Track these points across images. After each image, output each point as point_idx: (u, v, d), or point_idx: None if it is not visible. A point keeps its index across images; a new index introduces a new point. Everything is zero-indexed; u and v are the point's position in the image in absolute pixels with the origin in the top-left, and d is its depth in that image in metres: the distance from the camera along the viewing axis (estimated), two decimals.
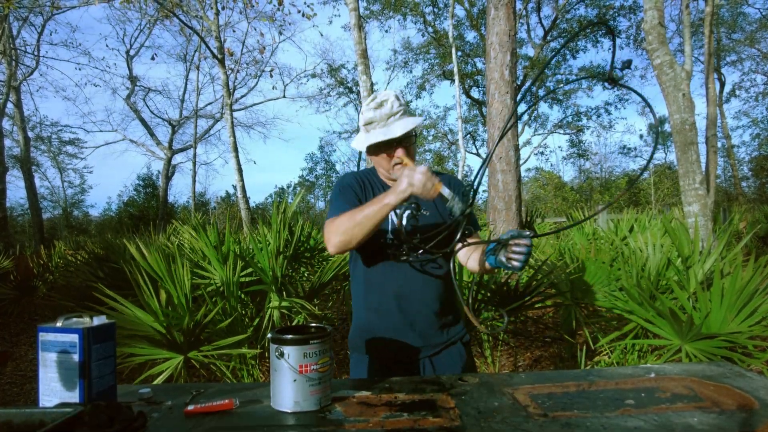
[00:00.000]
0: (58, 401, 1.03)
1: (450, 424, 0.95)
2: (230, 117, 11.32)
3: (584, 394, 1.11)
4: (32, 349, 5.16)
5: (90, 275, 4.54)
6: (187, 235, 4.35)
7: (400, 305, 1.49)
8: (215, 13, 11.41)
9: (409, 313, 1.49)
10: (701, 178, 4.25)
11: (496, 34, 6.19)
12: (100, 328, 1.08)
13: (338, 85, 22.40)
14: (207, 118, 22.12)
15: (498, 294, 3.06)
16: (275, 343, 1.07)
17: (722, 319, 2.33)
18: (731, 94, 23.40)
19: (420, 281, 1.51)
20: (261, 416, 1.03)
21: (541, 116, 24.33)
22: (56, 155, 24.27)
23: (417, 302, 1.50)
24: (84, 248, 6.67)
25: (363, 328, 1.55)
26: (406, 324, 1.50)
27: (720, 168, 23.86)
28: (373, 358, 1.53)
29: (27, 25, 16.05)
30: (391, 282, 1.50)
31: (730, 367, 1.27)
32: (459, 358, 1.55)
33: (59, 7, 14.01)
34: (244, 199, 11.07)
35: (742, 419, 0.93)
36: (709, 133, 9.95)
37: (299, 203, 4.30)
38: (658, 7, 4.30)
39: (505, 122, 1.03)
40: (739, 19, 20.10)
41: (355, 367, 1.56)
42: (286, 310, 3.30)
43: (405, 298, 1.49)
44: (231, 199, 27.26)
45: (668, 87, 4.31)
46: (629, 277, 2.89)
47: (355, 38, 6.57)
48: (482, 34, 18.20)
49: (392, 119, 1.46)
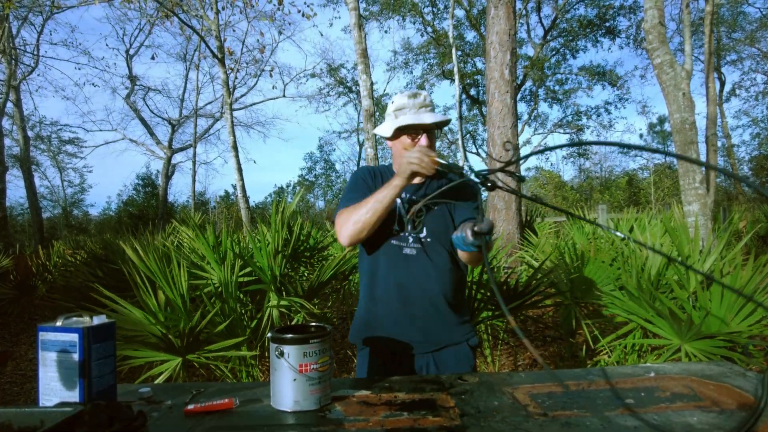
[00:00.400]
0: (58, 401, 1.03)
1: (450, 424, 0.95)
2: (230, 116, 11.31)
3: (584, 394, 1.11)
4: (32, 348, 5.16)
5: (89, 275, 4.54)
6: (185, 235, 4.34)
7: (400, 294, 1.50)
8: (215, 13, 11.40)
9: (409, 304, 1.49)
10: (701, 178, 4.25)
11: (496, 33, 6.18)
12: (99, 327, 1.08)
13: (338, 85, 22.40)
14: (207, 117, 22.12)
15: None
16: (275, 343, 1.07)
17: (722, 319, 2.33)
18: (731, 93, 23.41)
19: (423, 274, 1.51)
20: (261, 415, 1.03)
21: (541, 116, 24.33)
22: (56, 154, 24.27)
23: (419, 294, 1.50)
24: (83, 248, 6.66)
25: (366, 321, 1.56)
26: (407, 316, 1.50)
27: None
28: (372, 349, 1.53)
29: (27, 25, 16.04)
30: (394, 272, 1.51)
31: (729, 366, 1.28)
32: (466, 361, 1.53)
33: (59, 6, 13.99)
34: (244, 198, 11.06)
35: (741, 419, 0.93)
36: (709, 133, 9.95)
37: (298, 203, 4.30)
38: (658, 6, 4.30)
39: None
40: (739, 18, 20.10)
41: (360, 363, 1.56)
42: (285, 310, 3.30)
43: (406, 287, 1.50)
44: (231, 198, 27.27)
45: (668, 86, 4.31)
46: (629, 277, 2.89)
47: (355, 38, 6.57)
48: (482, 34, 18.18)
49: (423, 109, 1.54)
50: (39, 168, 24.06)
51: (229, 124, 11.22)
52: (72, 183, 27.15)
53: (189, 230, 4.11)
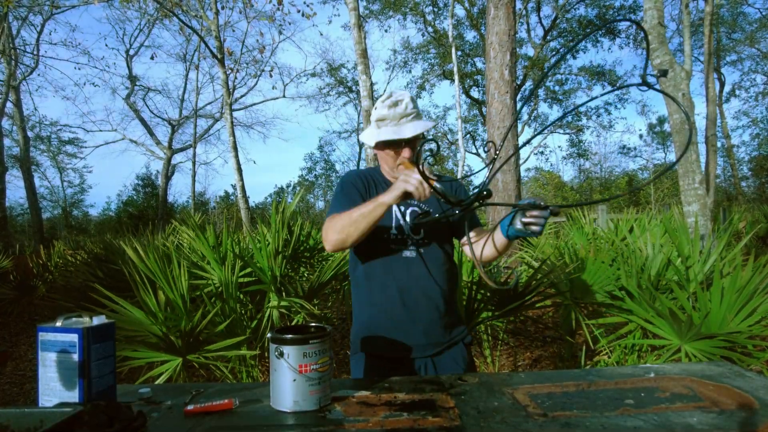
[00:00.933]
0: (57, 401, 1.03)
1: (450, 424, 0.95)
2: (230, 116, 11.32)
3: (584, 394, 1.11)
4: (32, 348, 5.16)
5: (89, 275, 4.53)
6: (185, 235, 4.34)
7: (403, 299, 1.49)
8: (215, 13, 11.41)
9: (412, 308, 1.49)
10: (701, 178, 4.25)
11: (496, 33, 6.18)
12: (99, 327, 1.08)
13: (338, 85, 22.42)
14: (207, 117, 22.14)
15: (497, 294, 3.06)
16: (275, 343, 1.07)
17: (722, 319, 2.33)
18: (731, 93, 23.43)
19: (423, 275, 1.51)
20: (261, 416, 1.03)
21: (541, 116, 24.34)
22: (56, 155, 24.29)
23: (420, 296, 1.50)
24: (83, 248, 6.66)
25: (366, 327, 1.55)
26: (409, 319, 1.49)
27: (720, 168, 23.88)
28: (377, 356, 1.52)
29: (26, 25, 16.06)
30: (394, 277, 1.50)
31: (729, 366, 1.28)
32: (461, 360, 1.54)
33: (59, 6, 14.00)
34: (244, 198, 11.07)
35: (741, 419, 0.93)
36: (709, 133, 9.96)
37: (298, 203, 4.30)
38: (657, 6, 4.30)
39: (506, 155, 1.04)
40: (739, 18, 20.12)
41: (356, 368, 1.55)
42: (285, 310, 3.30)
43: (408, 291, 1.49)
44: (230, 198, 27.29)
45: (668, 87, 4.31)
46: (629, 277, 2.89)
47: (355, 38, 6.57)
48: (482, 34, 18.19)
49: (405, 120, 1.50)
50: (39, 168, 24.10)
51: (229, 125, 11.23)
52: (72, 183, 27.20)
53: (189, 230, 4.11)
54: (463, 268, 3.32)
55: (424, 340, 1.50)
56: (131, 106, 20.74)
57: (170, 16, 12.10)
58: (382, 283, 1.52)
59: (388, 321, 1.51)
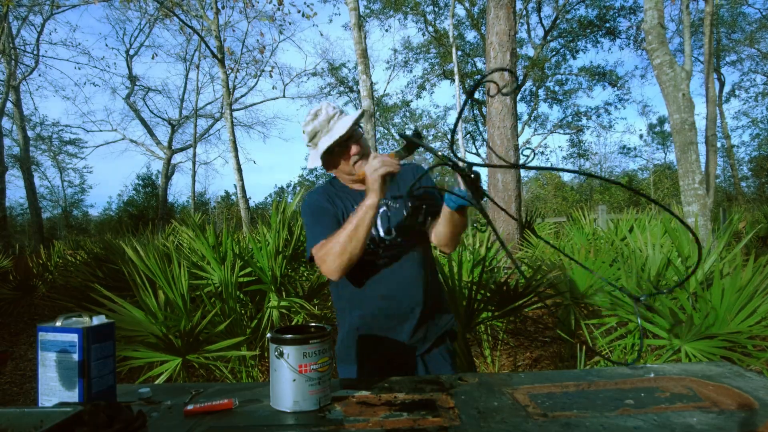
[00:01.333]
0: (57, 401, 1.03)
1: (449, 424, 0.95)
2: (230, 116, 11.31)
3: (583, 394, 1.11)
4: (32, 348, 5.16)
5: (89, 275, 4.54)
6: (185, 235, 4.34)
7: (385, 307, 1.49)
8: (215, 13, 11.40)
9: (395, 315, 1.49)
10: (701, 178, 4.25)
11: (496, 33, 6.19)
12: (99, 327, 1.08)
13: (338, 84, 22.41)
14: (207, 117, 22.14)
15: (497, 294, 3.06)
16: (275, 343, 1.07)
17: (722, 320, 2.33)
18: (731, 94, 23.43)
19: (403, 278, 1.50)
20: (260, 416, 1.03)
21: (541, 116, 24.36)
22: (56, 155, 24.28)
23: (405, 299, 1.49)
24: (83, 248, 6.66)
25: (352, 337, 1.53)
26: (393, 326, 1.50)
27: (720, 168, 23.86)
28: (364, 365, 1.52)
29: (26, 25, 16.06)
30: (374, 285, 1.49)
31: (729, 366, 1.27)
32: (448, 355, 1.56)
33: (59, 6, 14.01)
34: (244, 198, 11.06)
35: (741, 419, 0.93)
36: (709, 133, 9.96)
37: (299, 203, 4.29)
38: (658, 7, 4.30)
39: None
40: (738, 19, 20.12)
41: (343, 377, 1.54)
42: (285, 310, 3.31)
43: (390, 298, 1.49)
44: (231, 198, 27.28)
45: (668, 87, 4.31)
46: (629, 277, 2.89)
47: (355, 38, 6.57)
48: (482, 34, 18.19)
49: (332, 122, 1.49)
50: (39, 168, 24.09)
51: (229, 125, 11.23)
52: (72, 183, 27.18)
53: (189, 230, 4.11)
54: (463, 268, 3.32)
55: (413, 342, 1.50)
56: (131, 106, 20.75)
57: (170, 15, 12.11)
58: (362, 294, 1.50)
59: (373, 330, 1.50)
